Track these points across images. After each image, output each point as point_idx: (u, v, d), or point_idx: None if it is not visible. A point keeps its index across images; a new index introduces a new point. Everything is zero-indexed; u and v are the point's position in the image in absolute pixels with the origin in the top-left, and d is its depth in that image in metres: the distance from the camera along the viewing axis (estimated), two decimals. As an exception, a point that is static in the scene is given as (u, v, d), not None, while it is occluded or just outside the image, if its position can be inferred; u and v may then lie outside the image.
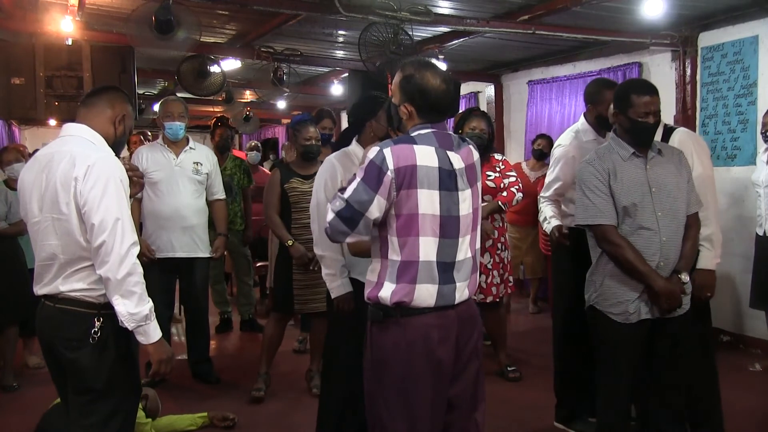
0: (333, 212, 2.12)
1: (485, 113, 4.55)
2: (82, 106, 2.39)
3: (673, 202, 2.74)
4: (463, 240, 2.18)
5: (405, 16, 4.66)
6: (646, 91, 2.73)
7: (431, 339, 2.12)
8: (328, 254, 2.92)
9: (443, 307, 2.14)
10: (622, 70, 6.04)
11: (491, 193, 4.35)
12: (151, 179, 4.22)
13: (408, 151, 2.08)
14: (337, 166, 2.95)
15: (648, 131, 2.73)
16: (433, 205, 2.10)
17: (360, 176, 2.08)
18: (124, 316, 2.16)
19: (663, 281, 2.68)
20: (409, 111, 2.18)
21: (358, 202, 2.06)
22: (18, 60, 4.88)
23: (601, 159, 2.78)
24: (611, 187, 2.72)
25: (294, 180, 4.08)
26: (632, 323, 2.75)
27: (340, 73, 7.68)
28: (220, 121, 5.93)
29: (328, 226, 2.14)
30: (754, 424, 3.70)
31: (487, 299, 4.36)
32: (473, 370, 2.26)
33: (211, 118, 7.06)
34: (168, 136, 4.35)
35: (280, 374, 4.43)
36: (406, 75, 2.17)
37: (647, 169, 2.75)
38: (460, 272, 2.18)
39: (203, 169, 4.40)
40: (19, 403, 4.16)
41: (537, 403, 3.95)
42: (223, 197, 4.63)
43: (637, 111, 2.70)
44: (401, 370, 2.13)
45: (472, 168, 2.24)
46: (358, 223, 2.08)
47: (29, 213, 2.29)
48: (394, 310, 2.12)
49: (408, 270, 2.10)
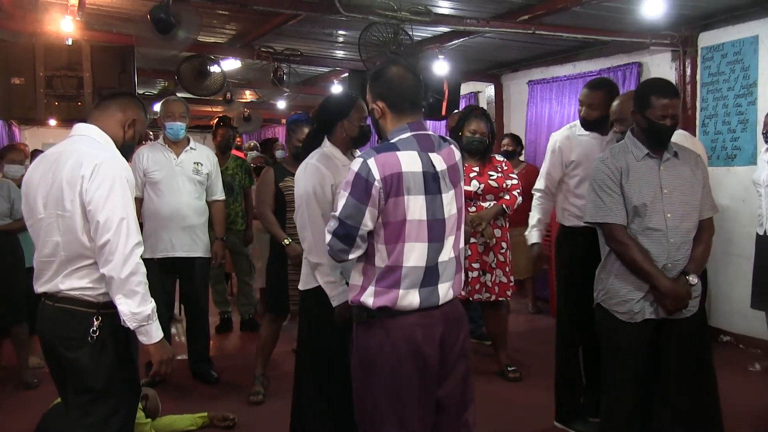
0: (329, 233, 2.13)
1: (485, 112, 4.54)
2: (96, 108, 2.42)
3: (684, 204, 2.72)
4: (447, 241, 2.18)
5: (405, 16, 4.67)
6: (666, 94, 2.69)
7: (415, 339, 2.13)
8: (326, 261, 2.80)
9: (427, 307, 2.14)
10: (622, 70, 6.03)
11: (494, 193, 4.35)
12: (152, 179, 4.22)
13: (392, 158, 2.08)
14: (323, 170, 2.81)
15: (664, 134, 2.71)
16: (420, 210, 2.10)
17: (347, 191, 2.09)
18: (127, 316, 2.17)
19: (668, 282, 2.68)
20: (381, 108, 2.19)
21: (350, 218, 2.07)
22: (18, 60, 4.88)
23: (614, 158, 2.77)
24: (623, 187, 2.72)
25: (288, 179, 4.02)
26: (637, 322, 2.75)
27: (340, 73, 7.68)
28: (222, 121, 5.93)
29: (329, 247, 2.16)
30: (753, 424, 3.70)
31: (491, 298, 4.37)
32: (461, 370, 2.26)
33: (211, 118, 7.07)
34: (169, 136, 4.34)
35: (280, 374, 4.43)
36: (374, 74, 2.21)
37: (660, 170, 2.73)
38: (444, 273, 2.18)
39: (203, 169, 4.40)
40: (19, 403, 4.16)
41: (537, 403, 3.95)
42: (223, 198, 4.62)
43: (655, 112, 2.67)
44: (387, 371, 2.14)
45: (455, 168, 2.24)
46: (356, 238, 2.10)
47: (33, 210, 2.30)
48: (378, 312, 2.13)
49: (391, 275, 2.10)
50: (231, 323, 6.00)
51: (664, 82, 2.81)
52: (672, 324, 2.77)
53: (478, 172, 4.35)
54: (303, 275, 2.98)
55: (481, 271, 4.35)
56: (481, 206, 4.33)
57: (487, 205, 4.33)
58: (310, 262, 2.81)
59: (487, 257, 4.35)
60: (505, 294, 4.44)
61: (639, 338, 2.77)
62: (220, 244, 4.54)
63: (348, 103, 2.92)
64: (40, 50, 4.89)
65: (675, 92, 2.73)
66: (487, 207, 4.33)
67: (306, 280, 2.95)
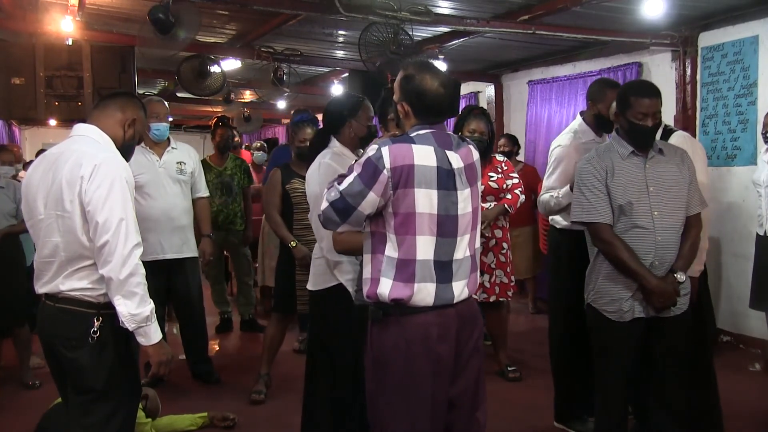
0: (327, 201, 2.16)
1: (485, 112, 4.52)
2: (95, 108, 2.43)
3: (670, 201, 2.73)
4: (461, 239, 2.19)
5: (405, 16, 4.67)
6: (645, 94, 2.72)
7: (430, 337, 2.13)
8: (345, 259, 2.80)
9: (442, 305, 2.15)
10: (622, 70, 6.03)
11: (494, 194, 4.34)
12: (137, 182, 4.13)
13: (406, 150, 2.09)
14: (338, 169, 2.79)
15: (645, 134, 2.73)
16: (431, 204, 2.11)
17: (357, 171, 2.11)
18: (125, 317, 2.17)
19: (655, 280, 2.69)
20: (405, 110, 2.21)
21: (351, 196, 2.10)
22: (18, 60, 4.88)
23: (600, 157, 2.79)
24: (608, 186, 2.73)
25: (295, 180, 4.05)
26: (626, 321, 2.76)
27: (340, 73, 7.68)
28: (220, 121, 5.92)
29: (321, 213, 2.19)
30: (753, 424, 3.70)
31: (490, 299, 4.36)
32: (474, 368, 2.27)
33: (211, 118, 7.07)
34: (154, 138, 4.24)
35: (281, 374, 4.43)
36: (407, 75, 2.20)
37: (646, 168, 2.75)
38: (459, 271, 2.18)
39: (187, 168, 4.35)
40: (19, 403, 4.16)
41: (537, 403, 3.95)
42: (206, 195, 4.57)
43: (635, 113, 2.70)
44: (401, 369, 2.14)
45: (472, 168, 2.25)
46: (350, 215, 2.13)
47: (33, 210, 2.30)
48: (393, 308, 2.13)
49: (406, 268, 2.11)
50: (231, 323, 6.00)
51: (643, 83, 2.85)
52: (662, 322, 2.78)
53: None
54: (313, 276, 2.98)
55: (480, 271, 4.33)
56: (482, 206, 4.30)
57: (487, 206, 4.32)
58: (330, 261, 2.80)
59: (486, 258, 4.34)
60: (506, 294, 4.44)
61: (628, 337, 2.79)
62: (207, 241, 4.49)
63: (356, 103, 2.96)
64: (40, 50, 4.89)
65: (655, 92, 2.74)
66: (488, 207, 4.32)
67: (316, 281, 2.96)
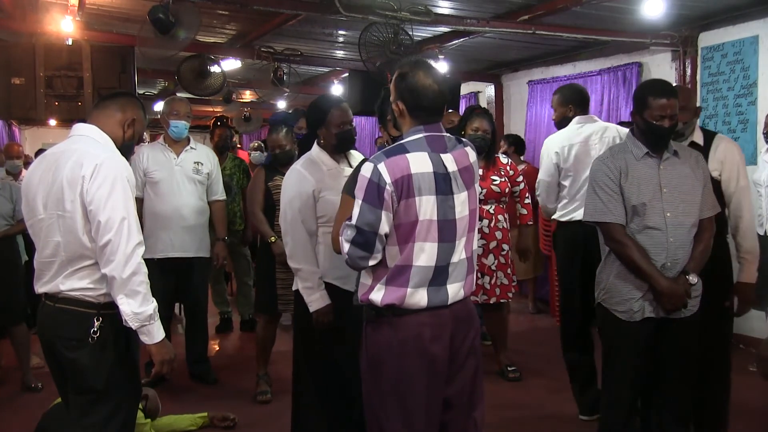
0: (347, 242, 2.12)
1: (487, 111, 4.51)
2: (95, 108, 2.43)
3: (684, 203, 2.71)
4: (459, 242, 2.18)
5: (405, 16, 4.67)
6: (663, 94, 2.68)
7: (423, 337, 2.13)
8: (305, 267, 2.83)
9: (436, 306, 2.15)
10: (622, 70, 6.04)
11: (495, 198, 4.32)
12: (152, 179, 4.21)
13: (401, 161, 2.09)
14: (307, 176, 2.85)
15: (662, 134, 2.70)
16: (431, 210, 2.11)
17: (360, 197, 2.09)
18: (129, 316, 2.17)
19: (666, 281, 2.67)
20: (400, 109, 2.20)
21: (367, 224, 2.08)
22: (18, 60, 4.89)
23: (614, 157, 2.77)
24: (621, 186, 2.72)
25: (278, 178, 4.00)
26: (636, 321, 2.75)
27: (340, 73, 7.68)
28: (219, 121, 5.93)
29: (347, 257, 2.14)
30: (754, 424, 3.70)
31: (490, 300, 4.35)
32: (471, 368, 2.26)
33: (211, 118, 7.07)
34: (172, 135, 4.31)
35: (280, 374, 4.43)
36: (401, 73, 2.20)
37: (660, 169, 2.73)
38: (455, 273, 2.18)
39: (204, 169, 4.38)
40: (19, 403, 4.16)
41: (537, 403, 3.95)
42: (223, 198, 4.61)
43: (652, 113, 2.67)
44: (395, 369, 2.14)
45: (468, 170, 2.23)
46: (374, 244, 2.09)
47: (34, 210, 2.30)
48: (386, 310, 2.14)
49: (401, 274, 2.11)
50: (231, 323, 6.00)
51: (661, 82, 2.80)
52: (672, 323, 2.77)
53: (480, 175, 4.28)
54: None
55: (479, 273, 4.33)
56: (482, 209, 4.27)
57: (488, 208, 4.30)
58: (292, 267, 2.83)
59: (486, 260, 4.33)
60: (507, 296, 4.42)
61: (638, 337, 2.78)
62: (221, 245, 4.52)
63: (323, 110, 2.92)
64: (40, 50, 4.90)
65: (672, 92, 2.71)
66: (488, 210, 4.30)
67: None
